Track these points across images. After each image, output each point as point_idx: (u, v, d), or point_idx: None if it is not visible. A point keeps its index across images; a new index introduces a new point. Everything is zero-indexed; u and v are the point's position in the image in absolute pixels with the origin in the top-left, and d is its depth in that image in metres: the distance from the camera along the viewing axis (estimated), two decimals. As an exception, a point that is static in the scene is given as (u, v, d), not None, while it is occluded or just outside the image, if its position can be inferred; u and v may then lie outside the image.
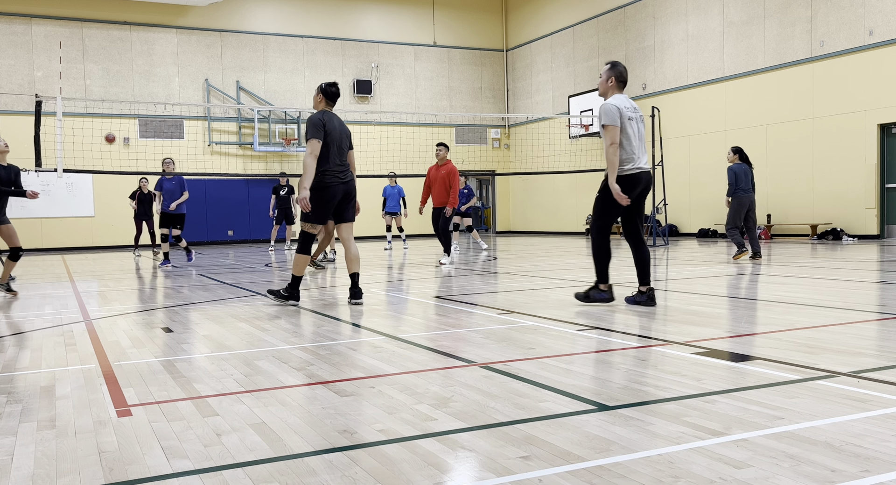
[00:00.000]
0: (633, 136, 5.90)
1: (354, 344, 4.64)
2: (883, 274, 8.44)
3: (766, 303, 6.02)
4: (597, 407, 2.96)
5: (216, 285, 8.86)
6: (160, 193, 12.48)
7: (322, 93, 6.75)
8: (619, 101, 5.92)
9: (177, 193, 12.30)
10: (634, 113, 5.96)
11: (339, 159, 6.67)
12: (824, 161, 16.25)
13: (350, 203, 6.83)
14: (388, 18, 24.71)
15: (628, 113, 5.90)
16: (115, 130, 21.14)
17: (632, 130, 5.90)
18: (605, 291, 6.10)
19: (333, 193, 6.64)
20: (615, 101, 5.91)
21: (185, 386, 3.54)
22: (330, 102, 6.79)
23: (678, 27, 19.66)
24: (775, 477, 2.16)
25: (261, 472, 2.33)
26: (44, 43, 20.50)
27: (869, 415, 2.75)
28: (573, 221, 23.70)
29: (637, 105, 6.11)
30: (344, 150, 6.73)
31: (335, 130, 6.65)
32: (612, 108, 5.85)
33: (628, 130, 5.88)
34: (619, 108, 5.86)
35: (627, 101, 5.98)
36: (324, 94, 6.75)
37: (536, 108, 25.04)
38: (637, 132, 5.95)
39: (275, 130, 22.77)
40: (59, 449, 2.61)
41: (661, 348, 4.20)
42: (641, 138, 5.98)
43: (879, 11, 15.07)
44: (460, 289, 7.91)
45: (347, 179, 6.74)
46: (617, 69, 6.06)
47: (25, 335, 5.31)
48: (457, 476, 2.26)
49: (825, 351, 3.96)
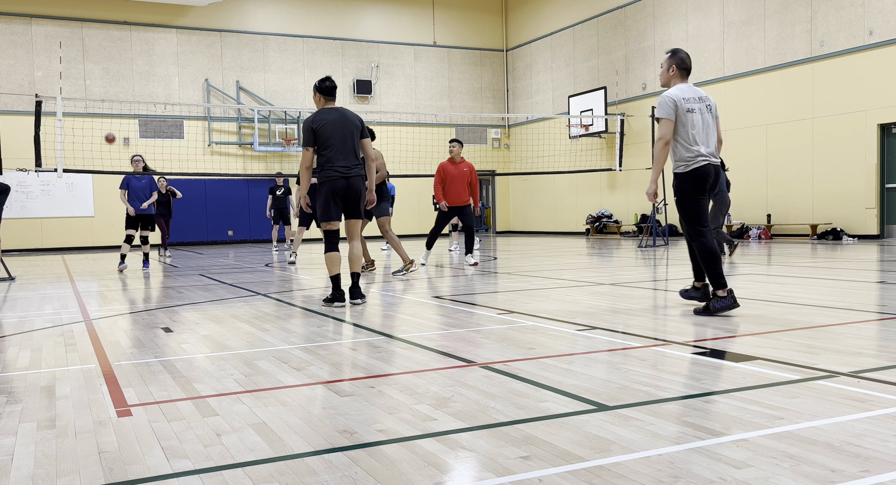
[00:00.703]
0: (696, 128, 5.43)
1: (354, 344, 4.64)
2: (883, 274, 8.44)
3: (766, 303, 6.02)
4: (597, 407, 2.96)
5: (216, 285, 8.86)
6: (125, 191, 11.98)
7: (317, 90, 6.65)
8: (677, 92, 5.46)
9: (146, 192, 12.01)
10: (698, 103, 5.48)
11: (342, 156, 6.49)
12: (824, 161, 16.25)
13: (357, 199, 6.63)
14: (388, 18, 24.72)
15: (688, 104, 5.43)
16: (115, 129, 21.14)
17: (693, 122, 5.42)
18: (724, 298, 5.39)
19: (334, 188, 6.49)
20: (673, 92, 5.48)
21: (185, 386, 3.54)
22: (327, 97, 6.64)
23: (678, 27, 19.66)
24: (775, 477, 2.16)
25: (261, 472, 2.32)
26: (44, 43, 20.50)
27: (869, 415, 2.75)
28: (573, 221, 23.70)
29: (705, 93, 5.62)
30: (348, 144, 6.53)
31: (331, 127, 6.48)
32: (666, 101, 5.45)
33: (686, 122, 5.41)
34: (676, 99, 5.42)
35: (690, 91, 5.50)
36: (318, 90, 6.64)
37: (536, 108, 25.03)
38: (704, 123, 5.47)
39: (275, 129, 22.77)
40: (59, 449, 2.61)
41: (661, 348, 4.20)
42: (708, 128, 5.50)
43: (879, 11, 15.07)
44: (460, 289, 7.90)
45: (351, 174, 6.52)
46: (678, 56, 5.61)
47: (25, 335, 5.31)
48: (457, 476, 2.26)
49: (825, 351, 3.96)
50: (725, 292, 5.38)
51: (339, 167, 6.49)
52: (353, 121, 6.61)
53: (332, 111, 6.59)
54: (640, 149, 20.10)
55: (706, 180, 5.47)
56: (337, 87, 6.76)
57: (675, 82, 5.62)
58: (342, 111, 6.62)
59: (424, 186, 25.26)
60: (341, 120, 6.55)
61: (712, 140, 5.51)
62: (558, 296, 6.88)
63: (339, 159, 6.50)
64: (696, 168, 5.43)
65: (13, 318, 6.35)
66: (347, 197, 6.59)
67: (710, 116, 5.53)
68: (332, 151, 6.50)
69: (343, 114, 6.60)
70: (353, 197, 6.61)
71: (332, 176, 6.49)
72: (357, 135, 6.62)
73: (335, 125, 6.51)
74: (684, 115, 5.41)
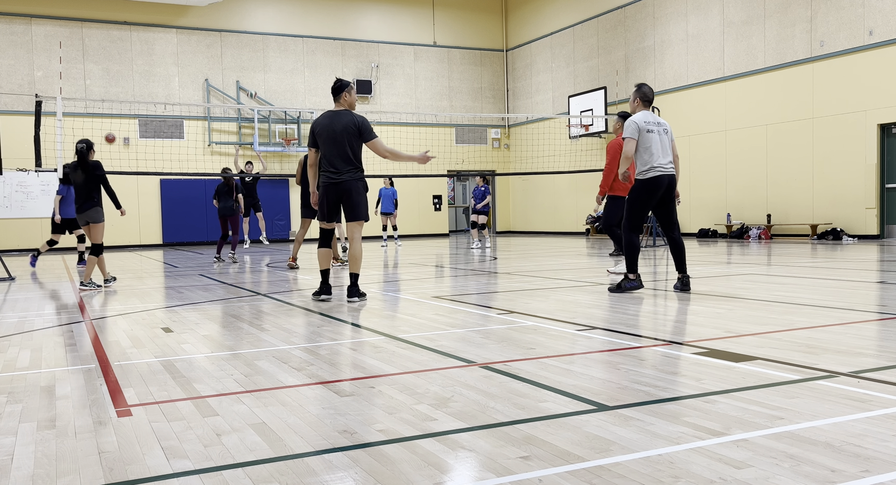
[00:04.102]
0: (652, 145, 6.77)
1: (354, 344, 4.64)
2: (883, 274, 8.44)
3: (766, 303, 6.02)
4: (597, 407, 2.96)
5: (216, 285, 8.86)
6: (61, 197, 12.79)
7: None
8: (640, 117, 6.87)
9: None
10: (657, 126, 6.86)
11: (331, 158, 6.67)
12: (824, 161, 16.25)
13: (349, 202, 6.74)
14: (388, 18, 24.71)
15: (647, 126, 6.82)
16: (115, 130, 21.13)
17: (650, 140, 6.78)
18: (634, 280, 6.93)
19: (325, 192, 6.79)
20: (637, 117, 6.87)
21: (185, 386, 3.54)
22: (334, 99, 6.87)
23: (678, 27, 19.66)
24: (775, 477, 2.16)
25: (261, 472, 2.32)
26: (44, 43, 20.50)
27: (869, 415, 2.75)
28: (573, 221, 23.70)
29: (661, 120, 7.03)
30: (338, 149, 6.63)
31: (324, 129, 6.66)
32: (631, 124, 6.84)
33: (646, 140, 6.78)
34: (639, 122, 6.80)
35: (651, 117, 6.91)
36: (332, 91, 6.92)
37: (536, 108, 25.03)
38: (660, 142, 6.84)
39: (275, 129, 22.76)
40: (59, 449, 2.61)
41: (661, 348, 4.20)
42: (664, 147, 6.85)
43: (879, 11, 15.07)
44: (460, 289, 7.91)
45: (339, 179, 6.67)
46: (642, 91, 7.00)
47: (25, 335, 5.31)
48: (457, 476, 2.26)
49: (825, 351, 3.96)
50: (636, 276, 6.94)
51: (330, 172, 6.71)
52: (347, 126, 6.64)
53: (327, 115, 6.75)
54: (640, 149, 20.09)
55: (659, 188, 6.79)
56: (342, 87, 6.82)
57: (639, 110, 7.01)
58: (336, 115, 6.70)
59: (424, 186, 25.29)
60: (333, 125, 6.66)
61: (668, 156, 6.85)
62: (558, 296, 6.88)
63: (330, 164, 6.71)
64: (652, 177, 6.75)
65: (13, 318, 6.35)
66: (339, 201, 6.79)
67: (666, 138, 6.91)
68: (324, 155, 6.73)
69: (334, 119, 6.68)
70: (345, 200, 6.76)
71: (324, 181, 6.79)
72: (352, 139, 6.66)
73: (327, 130, 6.66)
74: (645, 135, 6.80)
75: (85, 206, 8.82)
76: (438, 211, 25.85)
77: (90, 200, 8.83)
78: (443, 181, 26.01)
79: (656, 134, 6.82)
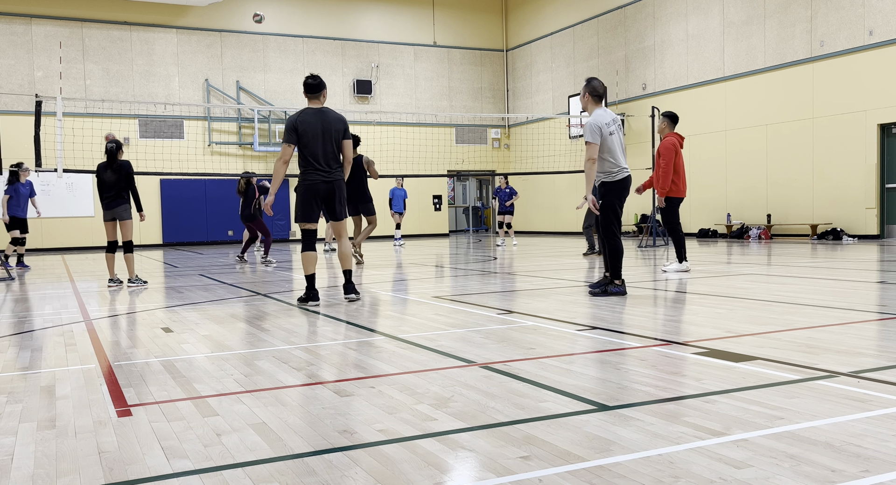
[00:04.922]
0: (615, 146, 6.70)
1: (354, 344, 4.64)
2: (883, 274, 8.44)
3: (766, 303, 6.02)
4: (597, 407, 2.96)
5: (216, 285, 8.86)
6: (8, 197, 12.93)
7: (304, 88, 6.64)
8: (599, 118, 6.65)
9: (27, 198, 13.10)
10: (614, 124, 6.73)
11: (321, 157, 6.51)
12: (824, 161, 16.25)
13: (339, 201, 6.70)
14: (388, 18, 24.71)
15: (609, 128, 6.66)
16: (115, 130, 21.10)
17: (613, 142, 6.69)
18: (620, 286, 6.79)
19: (314, 192, 6.57)
20: (596, 119, 6.64)
21: (185, 386, 3.54)
22: (311, 95, 6.60)
23: (678, 27, 19.66)
24: (775, 477, 2.16)
25: (261, 472, 2.32)
26: (44, 43, 20.50)
27: (869, 415, 2.75)
28: (573, 221, 23.68)
29: (616, 115, 6.87)
30: (329, 145, 6.53)
31: (311, 127, 6.47)
32: (593, 128, 6.61)
33: (609, 142, 6.66)
34: (601, 125, 6.61)
35: (607, 115, 6.72)
36: (304, 88, 6.63)
37: (536, 108, 25.03)
38: (619, 142, 6.75)
39: (275, 129, 22.76)
40: (59, 449, 2.61)
41: (661, 348, 4.20)
42: (622, 145, 6.80)
43: (879, 11, 15.07)
44: (460, 289, 7.91)
45: (331, 178, 6.58)
46: (591, 85, 6.79)
47: (25, 335, 5.31)
48: (457, 476, 2.26)
49: (825, 351, 3.96)
50: (621, 282, 6.80)
51: (320, 171, 6.54)
52: (334, 123, 6.58)
53: (313, 113, 6.55)
54: (641, 149, 20.09)
55: (626, 189, 6.81)
56: (322, 84, 6.64)
57: (592, 107, 6.83)
58: (323, 113, 6.58)
59: (425, 186, 25.28)
60: (321, 122, 6.53)
61: (624, 154, 6.81)
62: (558, 296, 6.88)
63: (320, 163, 6.53)
64: (621, 178, 6.73)
65: (13, 318, 6.35)
66: (329, 200, 6.67)
67: (621, 134, 6.82)
68: (311, 153, 6.51)
69: (323, 116, 6.56)
70: (335, 199, 6.68)
71: (313, 179, 6.55)
72: (338, 137, 6.60)
73: (315, 127, 6.50)
74: (608, 138, 6.67)
75: (114, 203, 8.98)
76: (438, 211, 25.85)
77: (119, 197, 8.99)
78: (443, 181, 26.01)
79: (616, 134, 6.74)
